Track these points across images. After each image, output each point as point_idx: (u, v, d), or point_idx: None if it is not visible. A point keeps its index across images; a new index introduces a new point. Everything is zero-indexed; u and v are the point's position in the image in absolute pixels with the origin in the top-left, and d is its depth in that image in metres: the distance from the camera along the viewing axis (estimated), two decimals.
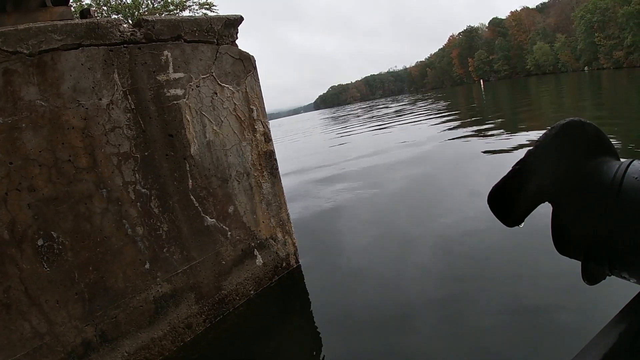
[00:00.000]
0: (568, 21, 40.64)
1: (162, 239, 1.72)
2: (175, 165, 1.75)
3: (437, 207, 3.23)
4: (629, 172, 0.29)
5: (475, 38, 64.07)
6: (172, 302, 1.78)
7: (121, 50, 1.71)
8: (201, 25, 1.95)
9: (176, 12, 11.46)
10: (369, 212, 3.46)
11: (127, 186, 1.66)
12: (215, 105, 1.90)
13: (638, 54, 29.12)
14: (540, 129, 6.09)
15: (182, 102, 1.79)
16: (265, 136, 2.10)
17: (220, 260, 1.88)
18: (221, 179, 1.89)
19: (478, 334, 1.57)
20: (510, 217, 0.31)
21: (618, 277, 0.30)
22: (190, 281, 1.81)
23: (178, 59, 1.83)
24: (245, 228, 1.98)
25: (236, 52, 2.04)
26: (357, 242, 2.82)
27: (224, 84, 1.95)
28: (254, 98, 2.07)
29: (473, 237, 2.54)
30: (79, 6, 9.99)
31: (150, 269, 1.71)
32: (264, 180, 2.08)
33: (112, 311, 1.66)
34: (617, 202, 0.28)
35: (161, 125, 1.73)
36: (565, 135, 0.30)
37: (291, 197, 4.17)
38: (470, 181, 3.78)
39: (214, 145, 1.88)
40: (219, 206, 1.87)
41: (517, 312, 1.69)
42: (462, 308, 1.78)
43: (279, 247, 2.16)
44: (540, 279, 1.91)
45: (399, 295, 1.97)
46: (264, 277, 2.08)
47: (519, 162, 0.30)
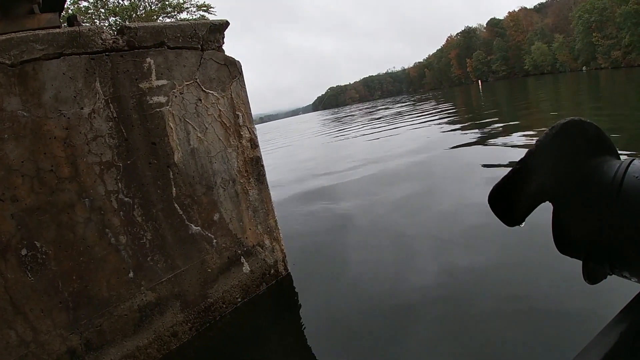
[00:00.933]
0: (566, 21, 41.59)
1: (146, 248, 1.75)
2: (159, 173, 1.77)
3: (431, 215, 3.20)
4: (630, 171, 0.29)
5: (474, 39, 65.64)
6: (157, 311, 1.80)
7: (103, 58, 1.73)
8: (185, 31, 1.96)
9: (174, 14, 11.59)
10: (363, 220, 3.45)
11: (110, 195, 1.68)
12: (199, 112, 1.91)
13: (636, 53, 29.66)
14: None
15: (165, 109, 1.81)
16: (251, 142, 2.11)
17: (206, 268, 1.90)
18: (206, 186, 1.90)
19: (479, 344, 1.55)
20: (511, 216, 0.32)
21: (619, 277, 0.30)
22: (175, 289, 1.83)
23: (161, 65, 1.84)
24: (231, 235, 2.00)
25: (221, 58, 2.05)
26: (350, 250, 2.82)
27: (208, 90, 1.96)
28: (240, 104, 2.08)
29: (471, 236, 2.52)
30: (76, 9, 10.17)
31: (134, 277, 1.74)
32: (250, 187, 2.09)
33: (97, 320, 1.69)
34: (618, 202, 0.28)
35: (144, 133, 1.75)
36: (566, 135, 0.30)
37: (279, 202, 4.18)
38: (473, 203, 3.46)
39: (199, 152, 1.89)
40: (203, 214, 1.89)
41: (517, 313, 1.72)
42: (460, 316, 1.79)
43: (267, 254, 2.17)
44: (541, 279, 1.93)
45: (394, 304, 1.99)
46: (251, 285, 2.10)
47: (520, 161, 0.30)
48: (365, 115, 20.79)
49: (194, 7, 11.77)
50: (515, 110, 10.36)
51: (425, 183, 4.27)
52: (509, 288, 1.94)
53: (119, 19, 10.25)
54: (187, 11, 11.69)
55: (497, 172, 4.18)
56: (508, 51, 56.12)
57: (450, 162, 4.99)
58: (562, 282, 1.80)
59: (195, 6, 11.77)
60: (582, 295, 1.66)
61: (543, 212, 0.34)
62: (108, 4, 10.94)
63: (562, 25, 43.65)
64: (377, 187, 4.35)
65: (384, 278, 2.26)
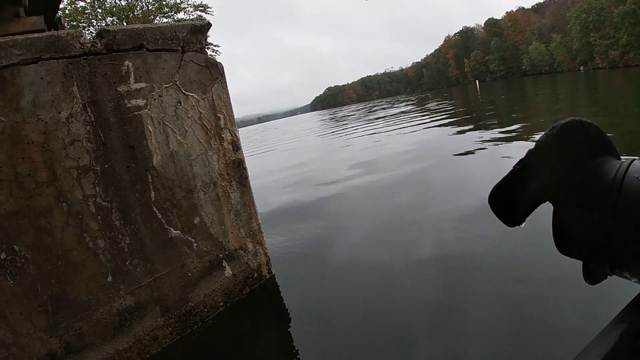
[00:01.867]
0: (564, 21, 42.64)
1: (125, 252, 1.78)
2: (137, 177, 1.80)
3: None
4: (630, 171, 0.29)
5: (471, 38, 67.41)
6: (136, 315, 1.83)
7: (81, 62, 1.76)
8: (165, 33, 1.98)
9: (171, 14, 11.73)
10: (350, 224, 3.44)
11: (88, 199, 1.71)
12: (179, 114, 1.93)
13: (633, 53, 30.38)
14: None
15: (144, 112, 1.83)
16: (233, 145, 2.12)
17: (186, 272, 1.93)
18: (186, 189, 1.93)
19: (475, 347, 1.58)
20: (511, 216, 0.32)
21: (619, 277, 0.31)
22: (155, 293, 1.86)
23: (140, 68, 1.87)
24: (212, 239, 2.02)
25: (202, 60, 2.06)
26: (336, 253, 2.82)
27: (188, 92, 1.98)
28: (222, 106, 2.10)
29: (470, 234, 2.49)
30: (73, 9, 10.37)
31: (113, 281, 1.77)
32: (232, 190, 2.11)
33: (76, 323, 1.73)
34: (618, 202, 0.29)
35: (122, 137, 1.78)
36: (566, 135, 0.31)
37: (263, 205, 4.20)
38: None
39: (178, 155, 1.91)
40: (183, 217, 1.91)
41: (516, 313, 1.76)
42: (454, 319, 1.82)
43: (250, 258, 2.19)
44: (541, 279, 1.96)
45: (380, 307, 2.02)
46: (234, 289, 2.12)
47: (520, 161, 0.31)
48: (366, 115, 20.64)
49: (191, 7, 11.91)
50: (514, 112, 10.22)
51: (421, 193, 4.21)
52: (509, 287, 1.96)
53: (115, 19, 10.45)
54: (184, 11, 11.84)
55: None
56: (506, 51, 57.44)
57: (449, 172, 4.85)
58: (562, 281, 1.83)
59: (192, 6, 11.91)
60: (582, 295, 1.69)
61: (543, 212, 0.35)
62: (105, 4, 11.14)
63: (559, 25, 44.77)
64: (374, 198, 4.29)
65: (371, 281, 2.27)
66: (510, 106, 11.91)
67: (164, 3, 11.62)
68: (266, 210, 4.34)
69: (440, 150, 6.28)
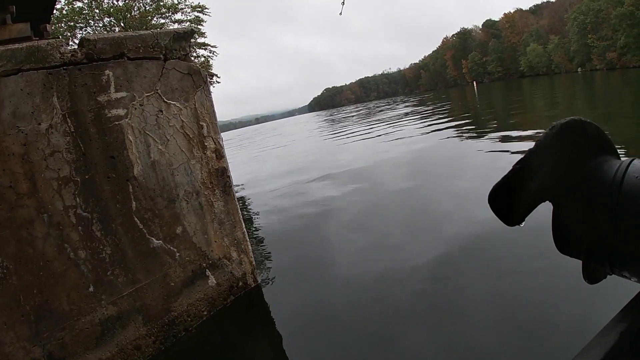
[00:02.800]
0: (561, 23, 43.77)
1: (106, 262, 1.82)
2: (118, 187, 1.83)
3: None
4: (630, 171, 0.30)
5: (469, 40, 69.99)
6: (118, 324, 1.88)
7: (61, 72, 1.79)
8: (146, 41, 2.00)
9: (168, 14, 11.84)
10: (335, 229, 3.45)
11: (68, 210, 1.75)
12: (160, 123, 1.95)
13: (631, 54, 31.24)
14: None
15: (124, 122, 1.86)
16: (216, 153, 2.14)
17: (169, 282, 1.96)
18: (167, 199, 1.95)
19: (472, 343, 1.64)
20: (511, 216, 0.33)
21: (619, 276, 0.32)
22: (137, 303, 1.90)
23: (120, 77, 1.89)
24: (195, 248, 2.05)
25: (185, 67, 2.08)
26: (322, 262, 2.84)
27: (170, 100, 2.00)
28: (204, 114, 2.12)
29: (469, 233, 2.49)
30: (70, 9, 10.52)
31: (95, 291, 1.81)
32: (215, 199, 2.13)
33: (59, 333, 1.77)
34: (618, 201, 0.29)
35: (102, 147, 1.81)
36: (566, 135, 0.32)
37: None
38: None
39: (160, 165, 1.94)
40: (165, 227, 1.94)
41: (517, 313, 1.81)
42: (450, 320, 1.86)
43: (234, 267, 2.22)
44: (541, 278, 2.01)
45: (368, 314, 2.05)
46: (218, 298, 2.15)
47: (520, 161, 0.32)
48: (366, 117, 20.59)
49: (188, 7, 12.01)
50: (511, 116, 10.15)
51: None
52: (510, 287, 2.02)
53: (113, 20, 10.58)
54: (181, 12, 11.94)
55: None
56: (503, 52, 59.34)
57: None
58: (562, 281, 1.87)
59: (190, 7, 12.00)
60: (582, 295, 1.74)
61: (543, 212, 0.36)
62: (102, 4, 11.27)
63: (557, 26, 45.94)
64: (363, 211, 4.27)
65: (359, 290, 2.28)
66: (508, 110, 11.92)
67: (162, 4, 11.74)
68: (258, 219, 4.38)
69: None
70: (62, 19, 10.52)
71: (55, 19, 11.28)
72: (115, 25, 10.99)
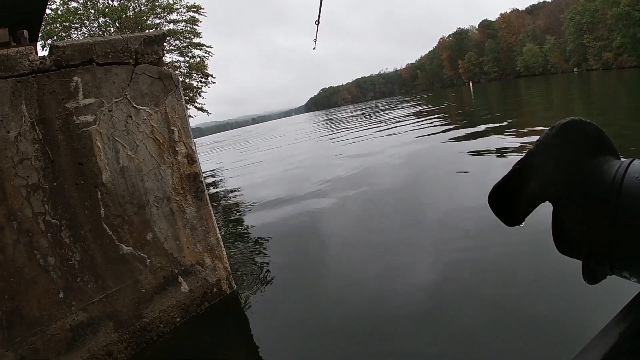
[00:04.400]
0: (557, 23, 45.97)
1: (75, 269, 1.90)
2: (86, 194, 1.91)
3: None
4: (630, 171, 0.31)
5: (465, 40, 73.75)
6: (89, 330, 1.96)
7: (29, 80, 1.87)
8: (116, 46, 2.07)
9: (164, 14, 12.08)
10: (318, 234, 3.48)
11: (37, 217, 1.84)
12: (129, 129, 2.02)
13: (627, 55, 32.84)
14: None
15: (93, 128, 1.94)
16: (188, 158, 2.20)
17: (140, 289, 2.04)
18: (137, 205, 2.02)
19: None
20: (510, 216, 0.34)
21: (619, 277, 0.33)
22: (108, 310, 1.98)
23: (89, 84, 1.97)
24: (166, 255, 2.11)
25: (155, 72, 2.14)
26: (300, 267, 2.87)
27: (139, 106, 2.07)
28: (176, 118, 2.18)
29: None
30: (65, 9, 10.86)
31: (65, 297, 1.90)
32: (187, 205, 2.19)
33: (30, 338, 1.87)
34: (618, 202, 0.30)
35: (70, 154, 1.89)
36: (566, 135, 0.33)
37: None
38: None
39: (129, 171, 2.01)
40: (135, 234, 2.01)
41: (516, 312, 1.89)
42: (446, 324, 1.90)
43: (208, 273, 2.28)
44: (540, 278, 2.10)
45: (352, 320, 2.11)
46: (191, 304, 2.22)
47: (520, 161, 0.33)
48: (367, 119, 20.58)
49: (183, 7, 12.23)
50: (508, 117, 10.25)
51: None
52: (509, 286, 2.10)
53: (108, 20, 10.86)
54: (177, 12, 12.18)
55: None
56: (500, 52, 62.54)
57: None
58: (562, 281, 1.96)
59: (185, 7, 12.22)
60: (582, 295, 1.83)
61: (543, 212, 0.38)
62: (98, 4, 11.57)
63: (553, 26, 48.18)
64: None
65: (340, 294, 2.33)
66: (505, 111, 12.10)
67: (157, 4, 11.99)
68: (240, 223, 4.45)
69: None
70: (57, 19, 10.92)
71: (50, 19, 11.75)
72: (111, 26, 11.38)
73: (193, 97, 21.68)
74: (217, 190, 7.71)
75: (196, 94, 21.59)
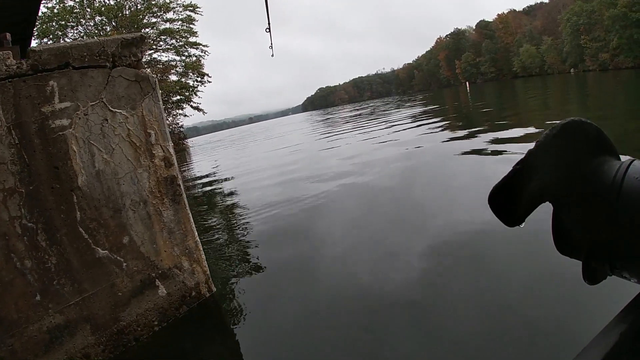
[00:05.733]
0: (554, 24, 47.76)
1: (52, 272, 1.98)
2: (62, 197, 1.99)
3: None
4: (630, 172, 0.32)
5: (463, 40, 76.77)
6: (66, 333, 2.05)
7: (6, 85, 1.96)
8: (92, 50, 2.14)
9: (160, 13, 12.29)
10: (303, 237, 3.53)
11: (14, 221, 1.93)
12: (105, 132, 2.09)
13: (624, 55, 34.21)
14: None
15: (68, 132, 2.01)
16: (165, 161, 2.27)
17: (116, 292, 2.11)
18: (113, 209, 2.10)
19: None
20: (511, 216, 0.36)
21: (619, 277, 0.34)
22: (84, 312, 2.06)
23: (65, 87, 2.04)
24: (143, 258, 2.19)
25: (132, 74, 2.21)
26: (286, 269, 2.92)
27: (116, 109, 2.14)
28: (152, 121, 2.24)
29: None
30: (61, 8, 11.14)
31: (41, 300, 1.99)
32: (164, 208, 2.26)
33: (8, 339, 1.96)
34: (618, 202, 0.31)
35: (46, 158, 1.96)
36: (566, 135, 0.34)
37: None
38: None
39: (105, 174, 2.08)
40: (111, 237, 2.08)
41: (516, 312, 1.95)
42: (441, 322, 1.96)
43: (186, 277, 2.34)
44: (540, 278, 2.16)
45: (327, 320, 2.18)
46: (169, 308, 2.29)
47: (520, 161, 0.35)
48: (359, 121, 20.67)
49: (180, 7, 12.43)
50: (503, 119, 10.41)
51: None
52: (509, 286, 2.16)
53: (104, 19, 11.10)
54: (173, 11, 12.39)
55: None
56: (497, 53, 65.23)
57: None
58: (561, 281, 2.02)
59: (182, 6, 12.42)
60: (582, 295, 1.90)
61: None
62: (94, 3, 11.83)
63: (550, 27, 49.93)
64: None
65: (321, 296, 2.39)
66: (502, 113, 12.30)
67: (153, 3, 12.22)
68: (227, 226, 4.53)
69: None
70: (53, 18, 11.25)
71: (46, 17, 12.12)
72: (107, 25, 11.71)
73: (189, 97, 22.07)
74: (204, 192, 7.87)
75: (192, 93, 21.96)
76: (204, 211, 5.89)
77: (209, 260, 2.85)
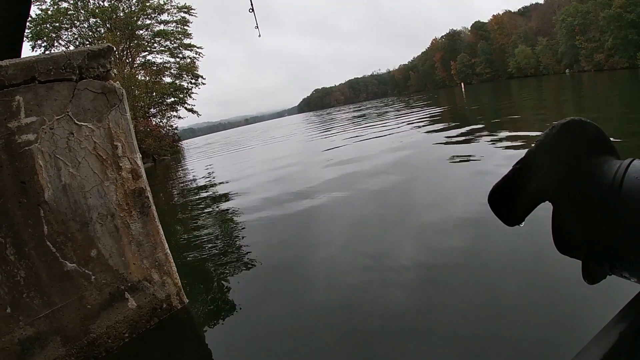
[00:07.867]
0: (550, 24, 49.79)
1: (21, 285, 2.13)
2: (29, 212, 2.12)
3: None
4: (629, 171, 0.33)
5: (458, 41, 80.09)
6: (37, 345, 2.20)
7: None
8: (58, 63, 2.26)
9: (154, 15, 12.53)
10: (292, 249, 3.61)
11: None
12: (71, 146, 2.21)
13: (619, 56, 35.50)
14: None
15: (35, 147, 2.14)
16: (133, 173, 2.37)
17: (85, 305, 2.24)
18: (80, 222, 2.22)
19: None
20: (510, 216, 0.38)
21: (618, 277, 0.35)
22: (54, 325, 2.20)
23: (30, 102, 2.17)
24: (112, 271, 2.31)
25: (98, 86, 2.32)
26: (262, 279, 3.00)
27: (81, 122, 2.25)
28: (119, 133, 2.35)
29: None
30: (55, 10, 11.50)
31: (12, 313, 2.14)
32: (132, 221, 2.37)
33: None
34: (618, 202, 0.33)
35: (13, 173, 2.10)
36: (566, 135, 0.36)
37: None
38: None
39: (71, 188, 2.20)
40: (79, 250, 2.21)
41: (516, 312, 2.02)
42: (440, 321, 2.04)
43: (157, 289, 2.46)
44: (540, 278, 2.25)
45: (305, 328, 2.30)
46: (139, 320, 2.42)
47: (520, 161, 0.36)
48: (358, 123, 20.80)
49: (174, 8, 12.63)
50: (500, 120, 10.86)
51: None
52: (509, 285, 2.26)
53: (99, 21, 11.39)
54: (167, 12, 12.61)
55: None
56: (492, 54, 68.49)
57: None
58: (561, 280, 2.10)
59: (176, 8, 12.62)
60: (581, 295, 1.99)
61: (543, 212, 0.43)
62: (89, 5, 12.14)
63: (545, 28, 51.90)
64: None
65: (299, 310, 2.47)
66: (498, 114, 12.69)
67: (147, 4, 12.47)
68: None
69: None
70: (47, 20, 11.61)
71: (40, 19, 12.52)
72: (101, 26, 11.99)
73: (183, 99, 22.43)
74: (184, 201, 8.07)
75: (186, 95, 22.33)
76: (183, 220, 6.04)
77: (184, 272, 2.97)
